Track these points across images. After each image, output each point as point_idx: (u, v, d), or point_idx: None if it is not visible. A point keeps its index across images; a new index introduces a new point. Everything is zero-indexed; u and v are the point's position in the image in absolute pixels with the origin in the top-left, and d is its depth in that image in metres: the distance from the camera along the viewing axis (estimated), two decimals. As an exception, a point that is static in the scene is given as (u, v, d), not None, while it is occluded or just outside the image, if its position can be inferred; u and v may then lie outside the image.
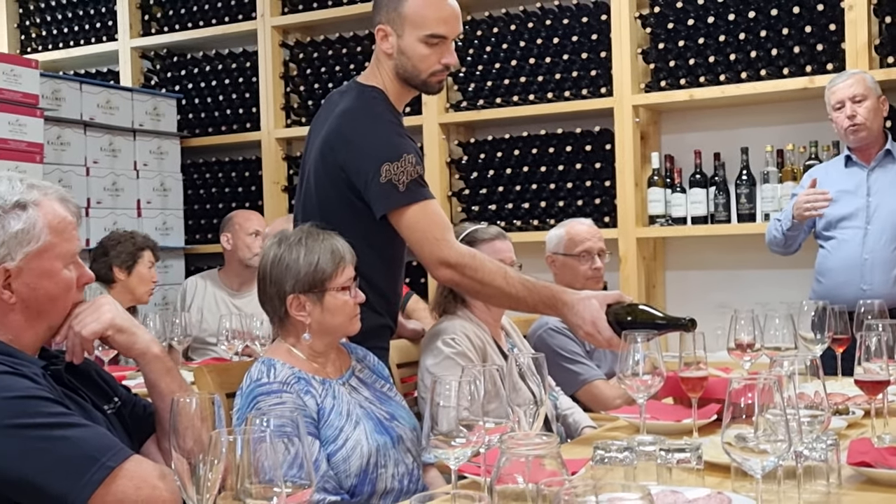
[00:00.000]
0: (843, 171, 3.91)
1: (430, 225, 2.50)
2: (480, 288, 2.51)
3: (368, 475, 2.23)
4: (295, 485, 1.31)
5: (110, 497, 1.56)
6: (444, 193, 5.13)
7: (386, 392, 2.45)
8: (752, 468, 1.49)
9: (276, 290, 2.31)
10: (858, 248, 3.81)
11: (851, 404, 2.50)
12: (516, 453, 1.43)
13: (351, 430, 2.24)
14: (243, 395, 2.23)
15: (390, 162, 2.49)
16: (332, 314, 2.31)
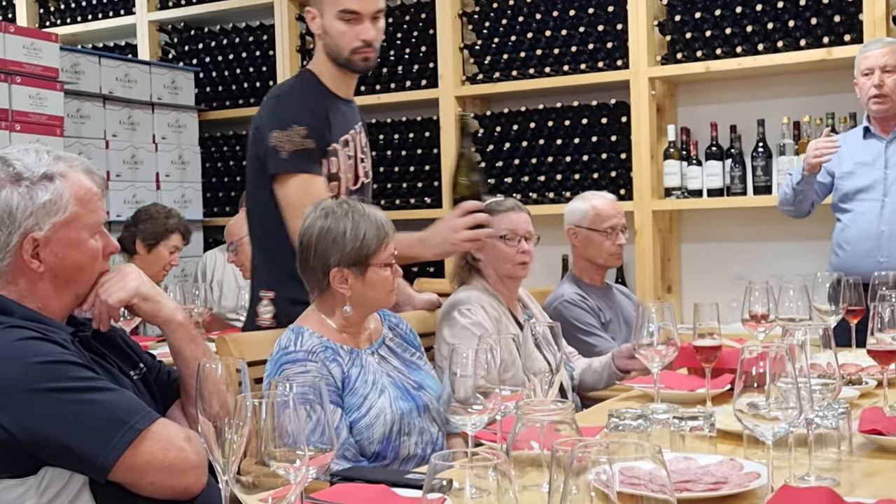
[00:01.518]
0: (860, 143, 3.90)
1: (303, 198, 2.56)
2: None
3: (391, 442, 2.27)
4: (317, 448, 1.35)
5: (138, 459, 1.60)
6: (460, 166, 5.13)
7: (416, 361, 2.50)
8: (764, 435, 1.51)
9: (320, 262, 2.34)
10: (876, 220, 3.81)
11: (864, 374, 2.52)
12: (532, 419, 1.47)
13: (375, 398, 2.28)
14: (272, 362, 2.30)
15: (278, 130, 2.68)
16: (372, 288, 2.34)
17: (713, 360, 2.29)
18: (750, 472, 1.64)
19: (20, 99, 4.26)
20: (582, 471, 0.95)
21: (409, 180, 5.33)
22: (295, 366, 2.23)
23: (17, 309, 1.71)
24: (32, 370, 1.60)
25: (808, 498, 1.41)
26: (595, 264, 3.69)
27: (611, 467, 0.92)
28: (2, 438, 1.58)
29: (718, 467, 1.68)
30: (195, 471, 1.66)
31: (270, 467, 1.24)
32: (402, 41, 5.36)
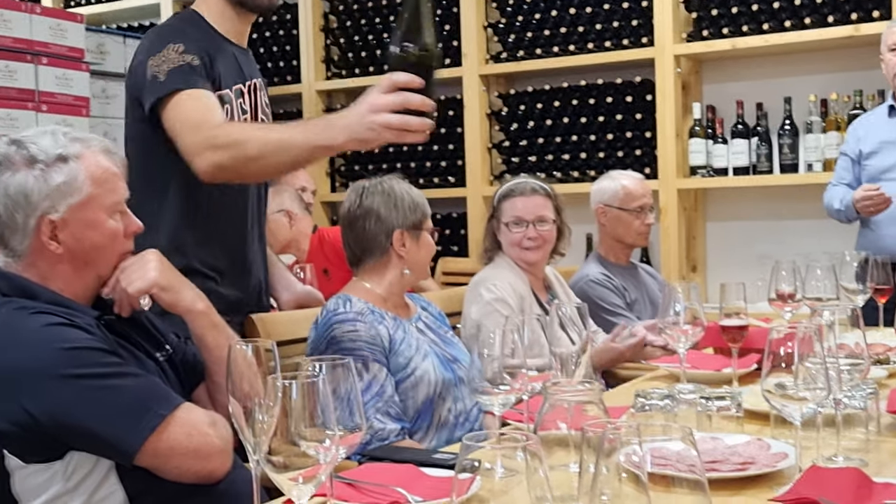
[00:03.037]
0: (886, 121, 3.86)
1: (189, 111, 2.15)
2: (239, 150, 2.05)
3: (433, 404, 2.37)
4: (346, 428, 1.36)
5: (162, 444, 1.61)
6: (483, 145, 5.14)
7: (449, 337, 2.60)
8: (792, 415, 1.51)
9: (383, 227, 2.47)
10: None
11: (892, 354, 2.51)
12: (559, 399, 1.46)
13: (420, 361, 2.38)
14: (318, 327, 2.39)
15: (153, 55, 2.22)
16: (425, 251, 2.52)
17: (740, 339, 2.29)
18: (777, 453, 1.64)
19: (46, 80, 4.28)
20: (612, 451, 0.95)
21: (432, 159, 5.32)
22: (344, 325, 2.33)
23: (41, 292, 1.72)
24: (59, 356, 1.61)
25: (836, 478, 1.40)
26: (623, 243, 3.69)
27: (641, 448, 0.93)
28: (28, 424, 1.60)
29: (746, 447, 1.68)
30: (220, 455, 1.67)
31: (300, 447, 1.25)
32: (425, 20, 5.34)
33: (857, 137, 3.90)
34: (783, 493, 1.37)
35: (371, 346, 2.31)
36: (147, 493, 1.66)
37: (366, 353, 2.29)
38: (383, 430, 2.22)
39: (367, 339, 2.31)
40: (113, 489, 1.66)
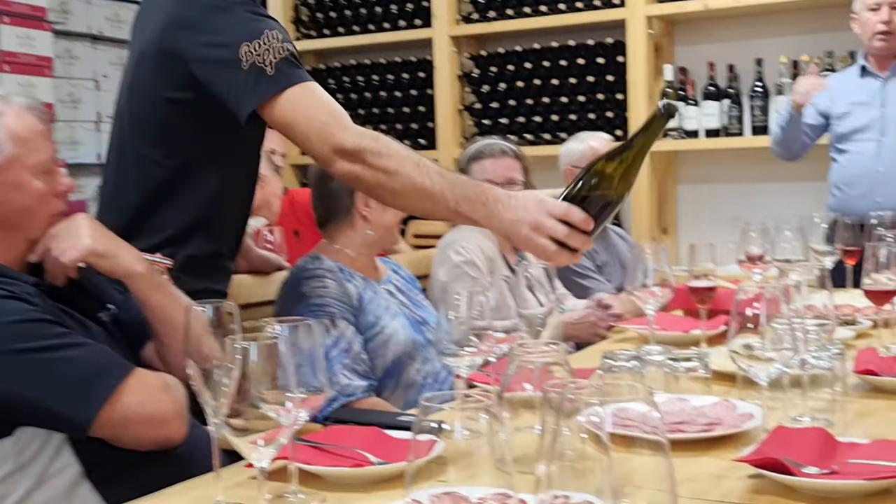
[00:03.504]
0: (857, 82, 3.86)
1: (314, 109, 1.93)
2: (386, 180, 1.87)
3: (402, 363, 2.36)
4: (308, 390, 1.34)
5: (116, 413, 1.57)
6: (454, 107, 5.10)
7: (420, 300, 2.59)
8: (758, 376, 1.51)
9: (346, 187, 2.40)
10: (873, 160, 3.78)
11: (860, 315, 2.52)
12: (525, 361, 1.45)
13: (389, 320, 2.37)
14: (287, 284, 2.39)
15: (249, 42, 1.93)
16: (392, 213, 2.46)
17: (708, 301, 2.28)
18: (744, 413, 1.63)
19: (8, 39, 4.19)
20: (573, 412, 0.93)
21: (403, 122, 5.28)
22: (313, 281, 2.32)
23: None
24: (2, 332, 1.55)
25: (802, 438, 1.40)
26: None
27: (602, 409, 0.91)
28: None
29: (712, 408, 1.68)
30: (176, 420, 1.63)
31: (260, 410, 1.23)
32: (395, -20, 5.29)
33: (827, 94, 3.89)
34: (748, 454, 1.36)
35: (339, 303, 2.29)
36: (103, 463, 1.62)
37: (334, 309, 2.28)
38: (350, 385, 2.21)
39: (336, 295, 2.30)
40: (67, 462, 1.61)
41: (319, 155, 1.93)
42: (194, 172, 2.09)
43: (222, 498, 1.33)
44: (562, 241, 1.74)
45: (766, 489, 1.32)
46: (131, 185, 2.11)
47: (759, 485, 1.33)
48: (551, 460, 0.92)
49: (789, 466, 1.30)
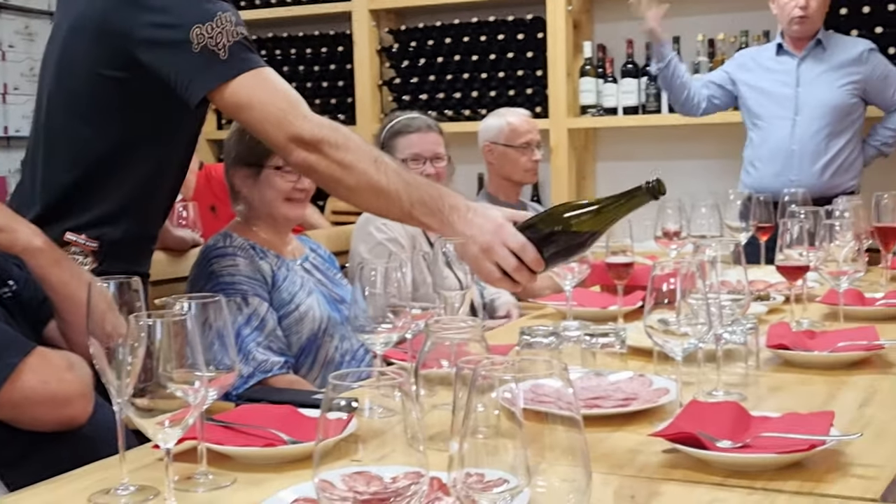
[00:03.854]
0: (773, 60, 3.91)
1: (270, 96, 1.84)
2: (342, 174, 1.81)
3: (318, 341, 2.34)
4: (218, 369, 1.30)
5: (17, 394, 1.51)
6: (374, 82, 5.05)
7: (338, 279, 2.55)
8: (673, 351, 1.51)
9: (229, 164, 2.43)
10: (787, 138, 3.84)
11: (772, 290, 2.55)
12: (441, 337, 1.43)
13: (304, 297, 2.35)
14: (198, 264, 2.34)
15: (201, 24, 1.82)
16: (270, 191, 2.38)
17: (625, 277, 2.29)
18: (659, 388, 1.64)
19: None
20: (488, 389, 0.92)
21: (322, 96, 5.21)
22: (224, 259, 2.28)
23: None
24: None
25: (715, 412, 1.41)
26: (511, 181, 3.67)
27: (516, 385, 0.89)
28: None
29: (628, 383, 1.68)
30: (80, 400, 1.57)
31: (167, 389, 1.19)
32: (313, -48, 5.20)
33: (740, 64, 3.95)
34: (663, 428, 1.37)
35: (251, 280, 2.25)
36: (5, 445, 1.56)
37: (245, 287, 2.24)
38: (266, 361, 2.19)
39: (247, 272, 2.26)
40: None
41: (275, 143, 1.85)
42: (129, 152, 1.99)
43: (127, 480, 1.29)
44: (508, 272, 1.72)
45: (680, 463, 1.32)
46: (61, 162, 2.01)
47: (674, 459, 1.34)
48: (464, 438, 0.90)
49: (703, 441, 1.31)
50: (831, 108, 3.81)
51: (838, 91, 3.82)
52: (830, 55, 3.86)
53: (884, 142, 3.93)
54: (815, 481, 1.23)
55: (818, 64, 3.86)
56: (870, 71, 3.83)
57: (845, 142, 3.84)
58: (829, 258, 2.23)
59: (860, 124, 3.89)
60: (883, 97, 3.88)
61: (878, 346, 1.90)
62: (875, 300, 2.44)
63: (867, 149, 3.95)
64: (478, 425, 0.93)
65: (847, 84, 3.82)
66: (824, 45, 3.87)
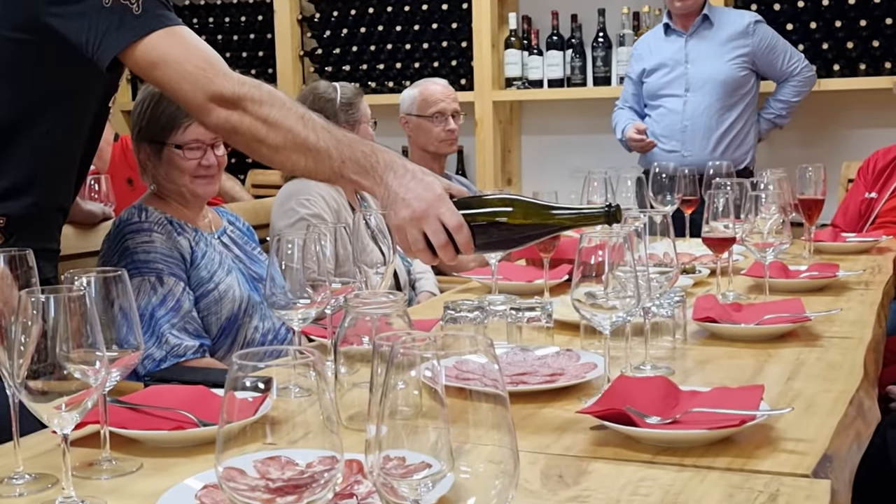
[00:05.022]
0: (662, 40, 3.96)
1: (187, 54, 1.72)
2: (266, 133, 1.69)
3: (238, 321, 2.24)
4: (121, 348, 1.22)
5: None
6: (295, 53, 4.93)
7: (256, 255, 2.44)
8: (601, 324, 1.46)
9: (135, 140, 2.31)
10: (679, 116, 3.90)
11: (698, 263, 2.54)
12: (361, 312, 1.37)
13: (223, 276, 2.25)
14: (111, 239, 2.22)
15: None
16: (175, 170, 2.27)
17: (551, 250, 2.25)
18: (587, 363, 1.60)
19: None
20: (408, 366, 0.86)
21: (241, 67, 5.07)
22: (139, 235, 2.17)
23: None
24: None
25: (643, 387, 1.37)
26: (428, 153, 3.60)
27: (438, 362, 0.84)
28: None
29: (555, 358, 1.64)
30: None
31: (65, 371, 1.10)
32: (232, -83, 5.06)
33: (638, 57, 3.98)
34: (591, 405, 1.32)
35: (167, 259, 2.15)
36: None
37: (161, 265, 2.14)
38: (180, 346, 2.09)
39: (164, 250, 2.16)
40: None
41: (193, 103, 1.72)
42: (34, 119, 1.84)
43: (22, 469, 1.20)
44: (434, 246, 1.62)
45: (609, 440, 1.28)
46: None
47: (603, 436, 1.30)
48: (382, 420, 0.84)
49: (632, 417, 1.27)
50: (721, 83, 3.87)
51: (727, 65, 3.87)
52: (717, 30, 3.91)
53: (777, 114, 4.01)
54: (746, 457, 1.20)
55: (705, 39, 3.92)
56: (757, 42, 3.89)
57: (737, 115, 3.91)
58: (755, 230, 2.22)
59: (752, 98, 3.96)
60: (773, 68, 3.95)
61: (805, 319, 1.89)
62: (799, 272, 2.44)
63: (762, 122, 4.03)
64: (398, 405, 0.87)
65: (736, 58, 3.88)
66: (711, 21, 3.91)
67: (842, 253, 2.91)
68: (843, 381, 1.56)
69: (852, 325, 1.96)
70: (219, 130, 1.76)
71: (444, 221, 1.60)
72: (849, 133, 4.33)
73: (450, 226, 1.60)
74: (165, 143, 2.25)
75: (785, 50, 3.90)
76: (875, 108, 4.17)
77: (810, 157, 4.09)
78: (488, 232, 1.61)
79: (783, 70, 3.91)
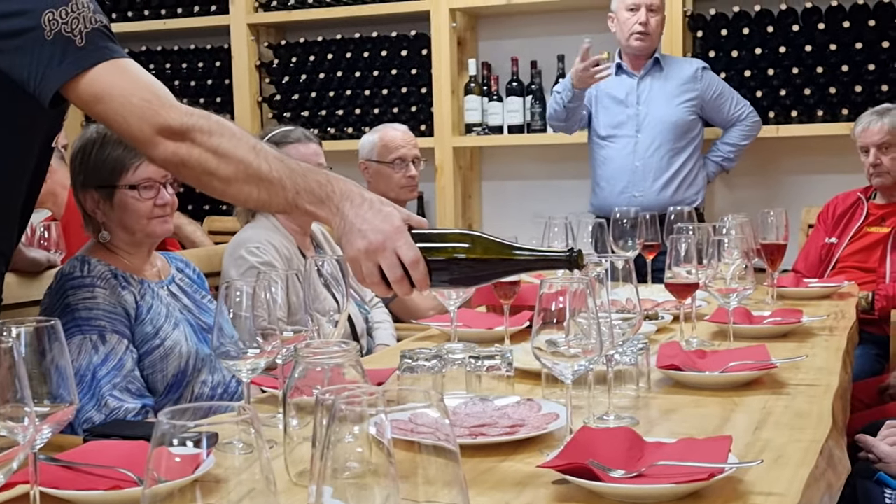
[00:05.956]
0: (614, 80, 3.95)
1: (133, 86, 1.64)
2: (217, 164, 1.60)
3: (186, 378, 2.15)
4: (52, 403, 1.14)
5: None
6: (253, 98, 4.89)
7: (206, 303, 2.34)
8: (563, 373, 1.41)
9: (75, 187, 2.22)
10: (630, 156, 3.91)
11: (661, 309, 2.50)
12: (312, 363, 1.31)
13: (170, 330, 2.15)
14: (52, 293, 2.12)
15: (54, 9, 1.62)
16: (130, 214, 2.16)
17: (511, 296, 2.20)
18: (548, 413, 1.54)
19: None
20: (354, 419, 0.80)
21: (199, 113, 5.02)
22: (81, 291, 2.07)
23: None
24: None
25: (607, 439, 1.31)
26: (388, 198, 3.52)
27: (385, 416, 0.78)
28: None
29: (516, 409, 1.58)
30: None
31: (-9, 427, 1.03)
32: (189, -37, 5.03)
33: (588, 94, 3.96)
34: (553, 458, 1.26)
35: (110, 315, 2.06)
36: None
37: (103, 322, 2.04)
38: (120, 408, 1.99)
39: (107, 306, 2.06)
40: None
41: (139, 137, 1.63)
42: None
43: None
44: (388, 280, 1.54)
45: (572, 496, 1.22)
46: None
47: (566, 491, 1.24)
48: (325, 478, 0.78)
49: (596, 471, 1.21)
50: (671, 125, 3.89)
51: (678, 108, 3.91)
52: (667, 74, 3.95)
53: (724, 157, 4.04)
54: (715, 512, 1.15)
55: (656, 82, 3.95)
56: (705, 87, 3.93)
57: (686, 158, 3.92)
58: (718, 276, 2.19)
59: (699, 142, 3.99)
60: (719, 114, 3.99)
61: (771, 366, 1.85)
62: (763, 318, 2.41)
63: (709, 164, 4.05)
64: (343, 462, 0.81)
65: (685, 102, 3.91)
66: (661, 64, 3.94)
67: (804, 298, 2.89)
68: (811, 430, 1.51)
69: (818, 371, 1.93)
70: (167, 164, 1.67)
71: (401, 255, 1.53)
72: (808, 178, 4.34)
73: (406, 260, 1.53)
74: (117, 187, 2.16)
75: (731, 96, 3.96)
76: (833, 153, 4.18)
77: (770, 202, 4.10)
78: (446, 268, 1.54)
79: (730, 115, 3.96)
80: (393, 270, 1.53)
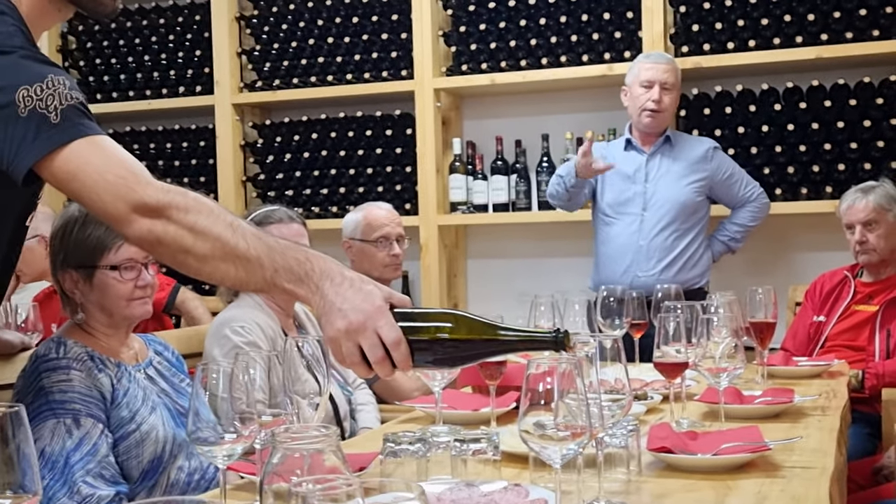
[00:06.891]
0: (622, 155, 3.91)
1: (107, 163, 1.59)
2: (193, 242, 1.55)
3: (162, 463, 2.08)
4: (15, 493, 1.08)
5: None
6: (237, 178, 4.89)
7: (185, 387, 2.29)
8: (551, 457, 1.36)
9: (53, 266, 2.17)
10: (635, 234, 3.83)
11: (650, 389, 2.45)
12: (290, 448, 1.25)
13: (147, 415, 2.09)
14: (26, 376, 2.06)
15: (29, 85, 1.59)
16: (110, 293, 2.12)
17: (498, 377, 2.15)
18: (537, 499, 1.49)
19: None
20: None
21: (182, 192, 5.00)
22: (56, 373, 2.01)
23: None
24: None
25: (599, 527, 1.26)
26: (371, 278, 3.48)
27: (364, 509, 0.73)
28: None
29: (503, 495, 1.53)
30: None
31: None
32: (175, 44, 5.07)
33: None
34: (542, 548, 1.21)
35: (86, 399, 2.00)
36: None
37: (78, 405, 1.98)
38: (93, 496, 1.91)
39: (82, 389, 2.00)
40: None
41: (114, 214, 1.58)
42: None
43: None
44: (369, 360, 1.50)
45: (562, 589, 1.16)
46: None
47: (555, 584, 1.18)
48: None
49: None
50: (679, 205, 3.81)
51: (685, 189, 3.83)
52: (678, 153, 3.87)
53: (731, 237, 3.97)
54: None
55: (666, 160, 3.87)
56: (715, 168, 3.86)
57: (691, 238, 3.84)
58: (707, 355, 2.15)
59: (705, 223, 3.92)
60: (729, 195, 3.92)
61: (764, 448, 1.80)
62: (754, 398, 2.36)
63: (715, 244, 3.97)
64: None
65: (694, 182, 3.84)
66: (672, 142, 3.89)
67: (795, 377, 2.85)
68: (809, 515, 1.46)
69: (813, 453, 1.88)
70: (142, 243, 1.61)
71: (382, 335, 1.48)
72: (794, 256, 4.34)
73: (387, 341, 1.48)
74: (97, 267, 2.12)
75: (742, 177, 3.89)
76: (818, 231, 4.19)
77: (756, 280, 4.07)
78: (429, 348, 1.50)
79: (740, 196, 3.89)
80: (374, 351, 1.48)
